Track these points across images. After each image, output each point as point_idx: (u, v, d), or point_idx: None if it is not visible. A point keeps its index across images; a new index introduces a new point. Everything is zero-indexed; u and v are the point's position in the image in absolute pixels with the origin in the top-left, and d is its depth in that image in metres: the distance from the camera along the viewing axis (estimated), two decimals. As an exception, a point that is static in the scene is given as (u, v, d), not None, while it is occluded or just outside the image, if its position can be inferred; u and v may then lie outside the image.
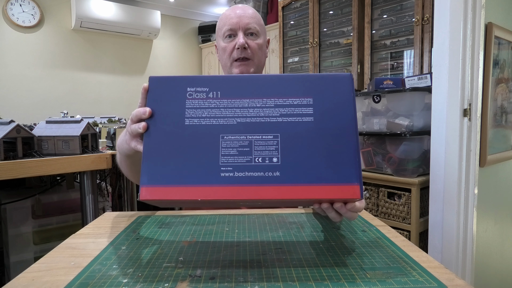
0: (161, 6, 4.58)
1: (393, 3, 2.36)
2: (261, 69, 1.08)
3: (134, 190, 2.25)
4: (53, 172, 1.39)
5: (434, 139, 1.46)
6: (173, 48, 4.87)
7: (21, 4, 3.65)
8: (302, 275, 0.53)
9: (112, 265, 0.57)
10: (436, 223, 1.46)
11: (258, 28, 1.02)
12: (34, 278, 0.53)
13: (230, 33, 1.01)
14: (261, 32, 1.03)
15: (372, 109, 1.91)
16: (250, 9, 1.03)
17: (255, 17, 1.02)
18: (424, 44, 2.19)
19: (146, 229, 0.75)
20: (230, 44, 1.00)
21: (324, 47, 2.83)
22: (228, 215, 0.86)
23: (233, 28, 1.00)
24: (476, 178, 1.42)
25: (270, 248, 0.64)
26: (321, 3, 2.82)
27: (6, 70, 3.63)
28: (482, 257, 1.56)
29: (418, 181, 1.67)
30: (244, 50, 0.99)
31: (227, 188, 0.53)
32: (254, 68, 1.03)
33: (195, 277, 0.52)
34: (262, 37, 1.03)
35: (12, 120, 1.38)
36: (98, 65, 4.25)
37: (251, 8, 1.05)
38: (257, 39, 1.02)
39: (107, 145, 1.96)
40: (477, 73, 1.40)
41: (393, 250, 0.62)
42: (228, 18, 1.01)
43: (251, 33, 1.01)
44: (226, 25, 1.01)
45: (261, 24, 1.05)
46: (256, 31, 1.01)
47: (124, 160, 0.86)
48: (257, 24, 1.02)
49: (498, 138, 1.63)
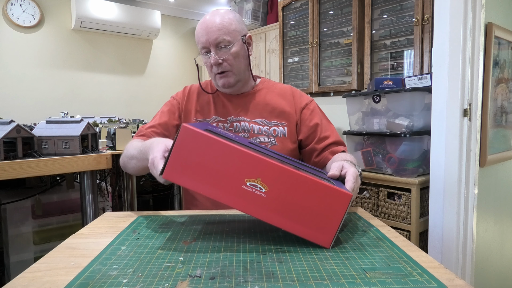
0: (161, 6, 4.58)
1: (393, 3, 2.36)
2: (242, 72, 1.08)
3: (134, 190, 2.24)
4: (53, 172, 1.39)
5: (434, 139, 1.46)
6: (173, 48, 4.87)
7: (21, 4, 3.65)
8: (302, 275, 0.53)
9: (112, 265, 0.57)
10: (436, 223, 1.46)
11: (229, 38, 1.01)
12: (34, 278, 0.53)
13: (204, 50, 1.03)
14: (233, 38, 1.02)
15: (372, 109, 1.91)
16: (217, 18, 1.01)
17: (223, 27, 1.00)
18: (424, 44, 2.19)
19: (146, 229, 0.75)
20: (208, 60, 1.03)
21: (324, 47, 2.83)
22: (228, 215, 0.86)
23: (204, 46, 1.02)
24: (476, 178, 1.42)
25: (270, 248, 0.64)
26: (321, 3, 2.82)
27: (6, 70, 3.63)
28: (482, 257, 1.56)
29: (418, 181, 1.67)
30: (219, 65, 1.02)
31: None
32: (234, 77, 1.06)
33: (195, 277, 0.52)
34: (235, 43, 1.02)
35: (12, 120, 1.38)
36: (98, 65, 4.25)
37: (219, 14, 1.02)
38: (230, 49, 1.01)
39: (107, 145, 1.96)
40: (477, 73, 1.40)
41: (393, 250, 0.62)
42: (199, 36, 1.03)
43: (223, 46, 1.01)
44: (199, 43, 1.04)
45: (231, 31, 1.02)
46: (227, 42, 1.01)
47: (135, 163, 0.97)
48: (225, 33, 1.00)
49: (498, 138, 1.63)
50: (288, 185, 0.63)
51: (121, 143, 1.86)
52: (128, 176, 2.24)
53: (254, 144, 0.81)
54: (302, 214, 0.63)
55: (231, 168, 0.63)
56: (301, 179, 0.63)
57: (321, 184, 0.63)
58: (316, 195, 0.63)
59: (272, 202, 0.63)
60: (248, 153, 0.63)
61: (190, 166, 0.64)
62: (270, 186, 0.63)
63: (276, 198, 0.63)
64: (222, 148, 0.63)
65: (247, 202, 0.64)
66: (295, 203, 0.63)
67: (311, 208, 0.63)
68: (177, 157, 0.64)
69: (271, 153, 0.76)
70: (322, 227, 0.63)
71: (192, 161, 0.64)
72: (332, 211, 0.63)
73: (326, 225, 0.63)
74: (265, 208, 0.63)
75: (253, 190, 0.63)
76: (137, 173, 1.03)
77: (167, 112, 1.12)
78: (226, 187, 0.64)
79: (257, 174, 0.63)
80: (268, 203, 0.63)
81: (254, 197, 0.63)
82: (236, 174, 0.63)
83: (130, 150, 0.99)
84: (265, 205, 0.63)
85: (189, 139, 0.64)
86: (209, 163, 0.64)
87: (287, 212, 0.63)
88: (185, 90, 1.16)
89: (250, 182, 0.63)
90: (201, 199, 1.06)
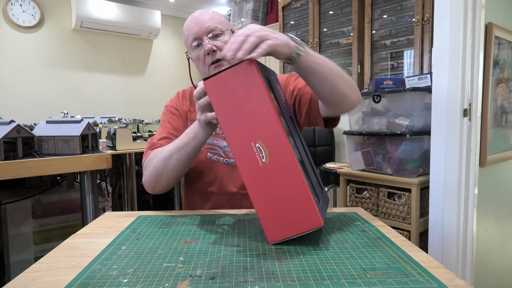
0: (161, 6, 4.58)
1: (393, 3, 2.36)
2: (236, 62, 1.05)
3: (134, 190, 2.25)
4: (53, 172, 1.39)
5: (434, 139, 1.46)
6: (173, 48, 4.87)
7: (21, 4, 3.65)
8: (302, 275, 0.53)
9: (112, 265, 0.57)
10: (436, 223, 1.46)
11: (220, 27, 1.01)
12: (35, 278, 0.53)
13: (196, 42, 1.01)
14: (224, 28, 1.03)
15: (372, 109, 1.91)
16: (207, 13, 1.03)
17: (214, 18, 1.02)
18: (424, 44, 2.19)
19: (146, 229, 0.75)
20: (201, 52, 1.01)
21: (324, 47, 2.83)
22: (228, 215, 0.86)
23: (197, 37, 1.01)
24: (476, 178, 1.42)
25: (270, 248, 0.64)
26: (321, 3, 2.82)
27: (6, 70, 3.63)
28: (482, 257, 1.56)
29: (418, 181, 1.67)
30: (213, 53, 1.00)
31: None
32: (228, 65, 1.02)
33: (195, 277, 0.52)
34: (227, 33, 1.03)
35: (12, 120, 1.38)
36: (98, 65, 4.25)
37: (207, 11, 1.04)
38: (223, 38, 1.01)
39: (107, 145, 1.96)
40: (477, 73, 1.40)
41: (393, 250, 0.62)
42: (189, 28, 1.02)
43: (215, 35, 1.01)
44: (190, 36, 1.02)
45: (223, 21, 1.04)
46: (219, 30, 1.01)
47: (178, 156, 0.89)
48: (217, 23, 1.01)
49: (498, 138, 1.63)
50: (284, 173, 0.63)
51: (121, 143, 1.86)
52: (128, 176, 2.24)
53: (292, 124, 0.78)
54: (275, 203, 0.64)
55: (254, 121, 0.65)
56: (297, 179, 0.63)
57: (307, 195, 0.63)
58: (297, 199, 0.63)
59: (262, 175, 0.64)
60: (275, 121, 0.64)
61: (228, 92, 0.66)
62: (271, 161, 0.64)
63: (267, 174, 0.64)
64: (262, 101, 0.64)
65: (245, 159, 0.65)
66: (277, 191, 0.64)
67: (286, 205, 0.64)
68: (225, 77, 0.67)
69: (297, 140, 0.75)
70: (280, 225, 0.64)
71: (233, 89, 0.66)
72: (298, 222, 0.63)
73: (284, 227, 0.64)
74: (253, 175, 0.65)
75: (257, 153, 0.64)
76: (180, 172, 0.92)
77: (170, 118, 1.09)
78: (240, 134, 0.66)
79: (269, 143, 0.64)
80: (259, 173, 0.64)
81: (252, 160, 0.65)
82: (255, 130, 0.65)
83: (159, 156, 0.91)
84: (255, 172, 0.65)
85: (245, 72, 0.66)
86: (243, 102, 0.65)
87: (266, 192, 0.64)
88: (178, 94, 1.15)
89: (260, 145, 0.64)
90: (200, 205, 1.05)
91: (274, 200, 0.64)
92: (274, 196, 0.64)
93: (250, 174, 0.65)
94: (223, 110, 0.67)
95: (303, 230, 0.63)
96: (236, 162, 0.66)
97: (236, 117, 0.66)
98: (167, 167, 0.90)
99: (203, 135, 0.83)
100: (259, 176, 0.64)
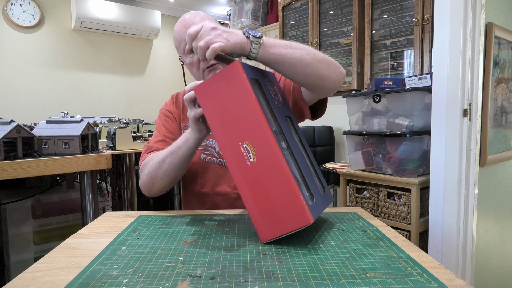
0: (161, 6, 4.58)
1: (393, 3, 2.36)
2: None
3: (134, 190, 2.25)
4: (53, 172, 1.39)
5: (434, 139, 1.46)
6: (173, 48, 4.87)
7: (21, 4, 3.65)
8: (302, 275, 0.53)
9: (112, 265, 0.57)
10: (436, 223, 1.46)
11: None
12: (35, 278, 0.53)
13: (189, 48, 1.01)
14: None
15: (372, 109, 1.91)
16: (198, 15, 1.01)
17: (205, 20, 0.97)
18: (424, 44, 2.19)
19: (146, 229, 0.75)
20: (195, 58, 1.00)
21: (324, 47, 2.83)
22: (228, 215, 0.86)
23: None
24: (476, 178, 1.42)
25: (270, 248, 0.64)
26: (321, 3, 2.82)
27: (6, 70, 3.63)
28: (482, 257, 1.56)
29: (418, 181, 1.67)
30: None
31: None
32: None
33: (195, 277, 0.52)
34: None
35: (12, 120, 1.38)
36: (98, 65, 4.25)
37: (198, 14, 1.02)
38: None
39: (107, 145, 1.96)
40: (477, 73, 1.40)
41: (393, 250, 0.62)
42: (181, 34, 1.00)
43: None
44: (183, 41, 1.00)
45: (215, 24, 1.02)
46: None
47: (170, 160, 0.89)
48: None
49: (498, 138, 1.63)
50: (272, 172, 0.64)
51: (121, 143, 1.86)
52: (128, 176, 2.24)
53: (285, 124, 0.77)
54: (265, 202, 0.64)
55: (241, 122, 0.66)
56: (285, 177, 0.63)
57: (295, 193, 0.63)
58: (285, 198, 0.63)
59: (251, 175, 0.65)
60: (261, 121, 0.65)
61: (215, 95, 0.69)
62: (258, 161, 0.65)
63: (256, 174, 0.65)
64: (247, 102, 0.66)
65: (234, 159, 0.67)
66: (266, 190, 0.64)
67: (275, 204, 0.64)
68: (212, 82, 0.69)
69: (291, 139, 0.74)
70: (270, 224, 0.65)
71: (219, 92, 0.68)
72: (287, 220, 0.63)
73: (275, 226, 0.64)
74: (242, 175, 0.66)
75: (245, 153, 0.66)
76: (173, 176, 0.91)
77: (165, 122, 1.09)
78: (228, 135, 0.67)
79: (256, 143, 0.65)
80: (248, 173, 0.65)
81: (241, 160, 0.66)
82: (241, 131, 0.66)
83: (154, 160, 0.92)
84: (244, 172, 0.65)
85: (230, 75, 0.67)
86: (230, 104, 0.67)
87: (255, 192, 0.65)
88: (173, 98, 1.14)
89: (247, 145, 0.65)
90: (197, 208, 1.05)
91: (263, 199, 0.64)
92: (263, 195, 0.64)
93: (239, 174, 0.66)
94: (212, 113, 0.70)
95: (293, 228, 0.63)
96: (226, 163, 0.68)
97: (223, 119, 0.68)
98: (160, 170, 0.90)
99: (193, 139, 0.83)
100: (248, 176, 0.65)
